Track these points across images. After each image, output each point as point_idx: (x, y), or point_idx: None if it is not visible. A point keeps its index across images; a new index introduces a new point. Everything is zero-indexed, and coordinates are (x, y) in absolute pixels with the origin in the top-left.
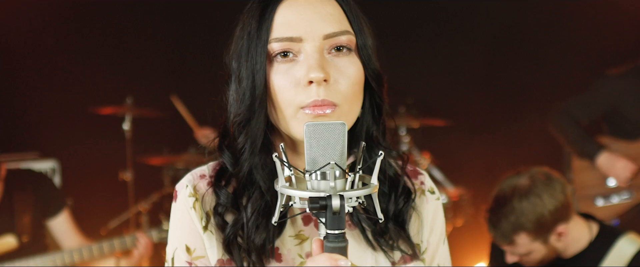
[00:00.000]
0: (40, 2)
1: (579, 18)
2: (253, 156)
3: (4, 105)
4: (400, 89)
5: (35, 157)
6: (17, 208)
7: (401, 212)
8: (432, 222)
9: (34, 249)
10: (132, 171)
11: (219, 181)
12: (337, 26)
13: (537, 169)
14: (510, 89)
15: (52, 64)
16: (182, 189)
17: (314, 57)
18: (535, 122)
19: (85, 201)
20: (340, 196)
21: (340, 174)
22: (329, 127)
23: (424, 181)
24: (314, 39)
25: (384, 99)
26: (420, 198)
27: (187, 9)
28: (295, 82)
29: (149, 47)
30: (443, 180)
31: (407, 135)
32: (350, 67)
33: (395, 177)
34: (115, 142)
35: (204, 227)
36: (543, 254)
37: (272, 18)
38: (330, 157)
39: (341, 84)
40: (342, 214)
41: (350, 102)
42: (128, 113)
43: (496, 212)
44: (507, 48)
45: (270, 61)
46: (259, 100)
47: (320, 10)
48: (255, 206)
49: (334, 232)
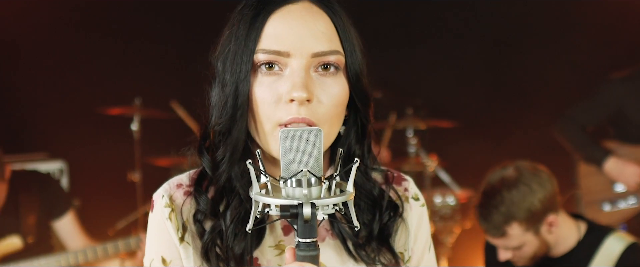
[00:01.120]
0: (49, 4)
1: (586, 20)
2: (232, 164)
3: (13, 106)
4: (408, 91)
5: (43, 158)
6: (23, 209)
7: (386, 226)
8: (417, 230)
9: (39, 249)
10: (140, 172)
11: (199, 185)
12: (327, 45)
13: (522, 162)
14: (518, 91)
15: (60, 65)
16: (158, 198)
17: (299, 74)
18: (542, 124)
19: (93, 202)
20: (311, 203)
21: (316, 182)
22: (304, 133)
23: (408, 187)
24: (302, 56)
25: (369, 120)
26: (404, 205)
27: (196, 10)
28: (277, 97)
29: (158, 48)
30: (450, 182)
31: (414, 137)
32: (334, 87)
33: (379, 195)
34: (123, 143)
35: (180, 238)
36: (535, 247)
37: (262, 28)
38: (305, 164)
39: (323, 105)
40: (313, 222)
41: (330, 123)
42: (136, 114)
43: (486, 204)
44: (514, 50)
45: (254, 70)
46: (240, 111)
47: (311, 27)
48: (234, 213)
49: (305, 241)
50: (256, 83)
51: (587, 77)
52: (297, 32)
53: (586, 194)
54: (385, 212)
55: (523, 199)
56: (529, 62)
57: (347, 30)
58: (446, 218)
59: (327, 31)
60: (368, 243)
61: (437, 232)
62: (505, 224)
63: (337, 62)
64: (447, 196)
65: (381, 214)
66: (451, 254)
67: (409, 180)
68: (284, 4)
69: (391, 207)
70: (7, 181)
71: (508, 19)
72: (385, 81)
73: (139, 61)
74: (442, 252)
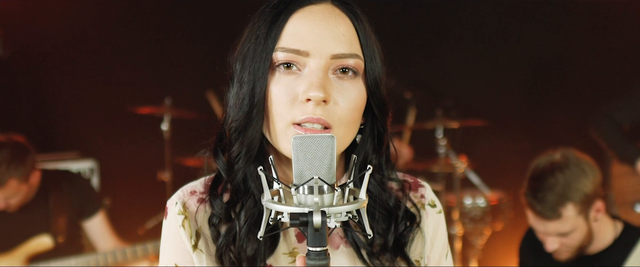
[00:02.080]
0: (80, 5)
1: (624, 19)
2: (248, 164)
3: (46, 106)
4: (439, 91)
5: (74, 157)
6: (53, 209)
7: (402, 235)
8: (433, 237)
9: (69, 249)
10: (170, 172)
11: (214, 189)
12: (347, 48)
13: (566, 149)
14: (552, 90)
15: (92, 65)
16: (172, 206)
17: (317, 75)
18: (577, 125)
19: (123, 201)
20: (322, 212)
21: (329, 189)
22: (316, 140)
23: (425, 193)
24: (321, 57)
25: (386, 129)
26: (420, 212)
27: (228, 9)
28: (293, 96)
29: (189, 48)
30: (479, 184)
31: (443, 137)
32: (352, 91)
33: (395, 205)
34: (153, 142)
35: (193, 245)
36: (583, 234)
37: (283, 26)
38: (317, 171)
39: (340, 107)
40: (323, 230)
41: (345, 126)
42: (167, 114)
43: (539, 187)
44: (548, 49)
45: (272, 69)
46: (257, 108)
47: (332, 29)
48: (249, 214)
49: (315, 250)
50: (273, 81)
51: (624, 76)
52: (318, 33)
53: (619, 195)
54: (401, 222)
55: (577, 180)
56: (563, 62)
57: (368, 36)
58: (476, 220)
59: (348, 34)
60: (383, 252)
61: (467, 234)
62: (561, 206)
63: (355, 66)
64: (478, 198)
65: (396, 225)
66: (481, 256)
67: (426, 186)
68: (306, 5)
69: (407, 217)
70: (33, 186)
71: (543, 18)
72: (416, 81)
73: (170, 61)
74: (472, 254)
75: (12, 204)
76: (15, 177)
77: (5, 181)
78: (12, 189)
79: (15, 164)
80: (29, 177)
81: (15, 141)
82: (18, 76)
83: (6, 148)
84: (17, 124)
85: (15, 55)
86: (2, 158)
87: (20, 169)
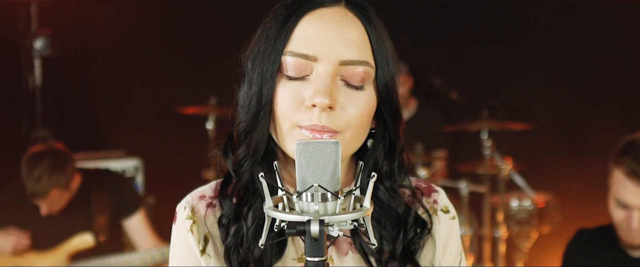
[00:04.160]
0: (127, 5)
1: None
2: (254, 164)
3: (93, 105)
4: (486, 92)
5: (120, 156)
6: (95, 208)
7: (412, 242)
8: (445, 244)
9: (110, 248)
10: (214, 171)
11: (224, 189)
12: (357, 54)
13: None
14: (601, 92)
15: (139, 65)
16: (181, 210)
17: (324, 80)
18: (625, 129)
19: (168, 200)
20: (320, 221)
21: (332, 197)
22: (320, 146)
23: (438, 199)
24: (329, 62)
25: (398, 136)
26: (431, 218)
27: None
28: (299, 100)
29: (234, 47)
30: (524, 186)
31: (488, 139)
32: (361, 97)
33: (405, 213)
34: (198, 141)
35: (201, 250)
36: None
37: (293, 29)
38: (320, 178)
39: (348, 112)
40: (321, 240)
41: (353, 130)
42: (211, 113)
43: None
44: (598, 51)
45: (281, 71)
46: (263, 111)
47: (343, 33)
48: (256, 215)
49: (313, 260)
50: (281, 84)
51: None
52: (327, 37)
53: None
54: (410, 230)
55: None
56: (614, 63)
57: (380, 41)
58: (523, 223)
59: (359, 40)
60: (391, 259)
61: (513, 237)
62: None
63: (364, 74)
64: (524, 200)
65: (405, 232)
66: (528, 259)
67: (440, 192)
68: (318, 7)
69: (418, 223)
70: (74, 190)
71: (592, 19)
72: (463, 82)
73: (215, 60)
74: (519, 258)
75: (55, 210)
76: (57, 186)
77: (47, 191)
78: (55, 198)
79: (57, 174)
80: (70, 184)
81: (55, 149)
82: (66, 75)
83: (46, 158)
84: (65, 122)
85: (64, 55)
86: (43, 169)
87: (61, 178)
